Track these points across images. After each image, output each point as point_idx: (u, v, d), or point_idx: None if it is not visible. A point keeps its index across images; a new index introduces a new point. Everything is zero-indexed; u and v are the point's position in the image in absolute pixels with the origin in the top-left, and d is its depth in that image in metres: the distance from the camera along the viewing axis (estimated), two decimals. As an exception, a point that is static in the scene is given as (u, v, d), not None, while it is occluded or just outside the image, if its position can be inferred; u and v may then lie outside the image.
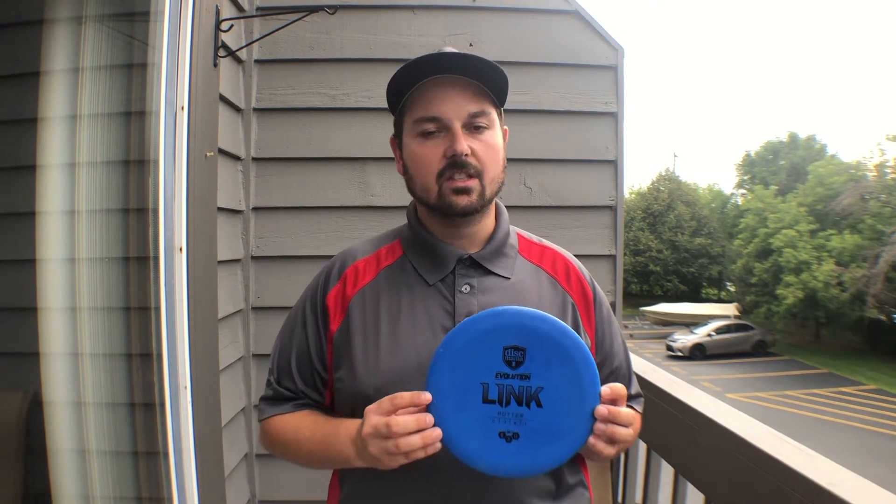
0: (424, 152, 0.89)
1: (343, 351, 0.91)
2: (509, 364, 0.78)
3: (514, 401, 0.77)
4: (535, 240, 1.03)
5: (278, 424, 0.95)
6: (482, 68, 0.87)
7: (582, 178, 2.10)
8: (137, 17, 1.40)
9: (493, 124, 0.91)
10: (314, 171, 2.03)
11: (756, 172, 33.50)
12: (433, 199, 0.90)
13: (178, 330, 1.27)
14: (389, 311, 0.91)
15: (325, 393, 0.96)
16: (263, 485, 2.01)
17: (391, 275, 0.94)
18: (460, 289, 0.91)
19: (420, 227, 0.96)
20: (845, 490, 0.85)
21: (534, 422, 0.77)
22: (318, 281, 0.98)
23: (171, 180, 1.28)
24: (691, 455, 1.29)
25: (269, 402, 0.98)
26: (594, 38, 2.08)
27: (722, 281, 32.78)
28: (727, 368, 18.65)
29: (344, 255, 0.99)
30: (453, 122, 0.87)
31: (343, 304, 0.93)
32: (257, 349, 2.00)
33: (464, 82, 0.88)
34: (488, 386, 0.77)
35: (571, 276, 0.98)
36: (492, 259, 0.94)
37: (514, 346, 0.78)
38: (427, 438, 0.75)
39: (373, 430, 0.77)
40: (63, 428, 1.25)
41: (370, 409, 0.79)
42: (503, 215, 0.99)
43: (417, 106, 0.89)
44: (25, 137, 1.28)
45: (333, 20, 1.95)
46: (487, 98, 0.90)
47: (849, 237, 21.50)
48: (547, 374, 0.77)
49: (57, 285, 1.27)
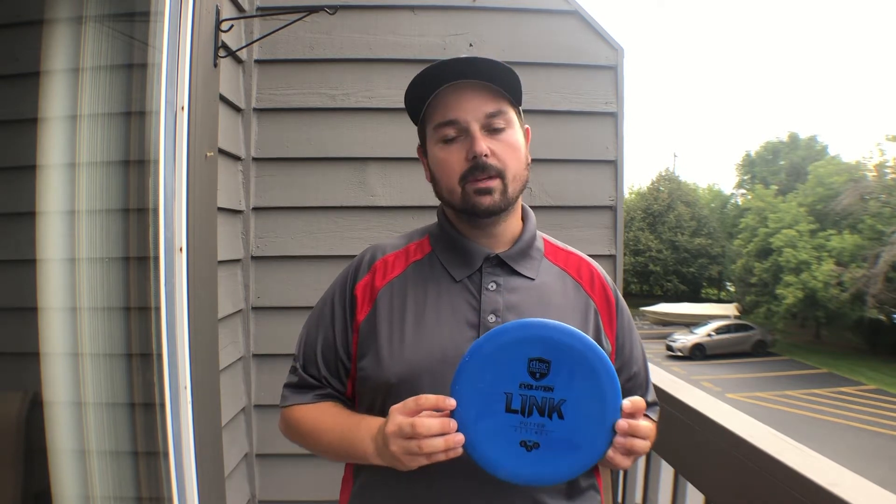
0: (447, 157, 0.91)
1: (368, 340, 0.93)
2: (533, 375, 0.79)
3: (537, 411, 0.79)
4: (561, 245, 1.05)
5: (299, 413, 0.97)
6: (492, 70, 0.89)
7: (582, 178, 2.10)
8: (137, 17, 1.40)
9: (512, 123, 0.92)
10: (314, 171, 2.03)
11: (756, 172, 33.49)
12: (458, 201, 0.92)
13: (178, 330, 1.27)
14: (416, 303, 0.93)
15: (346, 383, 0.98)
16: (263, 485, 2.01)
17: (419, 269, 0.96)
18: (487, 286, 0.93)
19: (449, 225, 0.99)
20: (845, 490, 0.85)
21: (555, 433, 0.79)
22: (347, 272, 1.00)
23: (171, 180, 1.28)
24: (691, 455, 1.29)
25: (292, 389, 1.00)
26: (594, 39, 2.08)
27: (722, 281, 32.78)
28: (727, 368, 18.64)
29: (374, 249, 1.01)
30: (471, 124, 0.89)
31: (371, 295, 0.95)
32: (257, 349, 2.00)
33: (478, 85, 0.90)
34: (512, 396, 0.79)
35: (595, 281, 1.00)
36: (518, 259, 0.96)
37: (540, 359, 0.79)
38: (450, 442, 0.77)
39: (397, 429, 0.78)
40: (63, 428, 1.25)
41: (395, 409, 0.81)
42: (530, 219, 1.01)
43: (436, 113, 0.92)
44: (25, 137, 1.28)
45: (333, 20, 1.95)
46: (503, 98, 0.92)
47: (849, 237, 21.49)
48: (570, 387, 0.79)
49: (57, 285, 1.26)
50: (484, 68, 0.89)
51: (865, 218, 21.36)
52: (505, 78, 0.90)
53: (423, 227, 1.05)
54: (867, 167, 23.96)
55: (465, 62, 0.88)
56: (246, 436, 1.98)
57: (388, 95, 2.03)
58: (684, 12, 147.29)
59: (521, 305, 0.92)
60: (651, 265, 30.33)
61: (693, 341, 20.09)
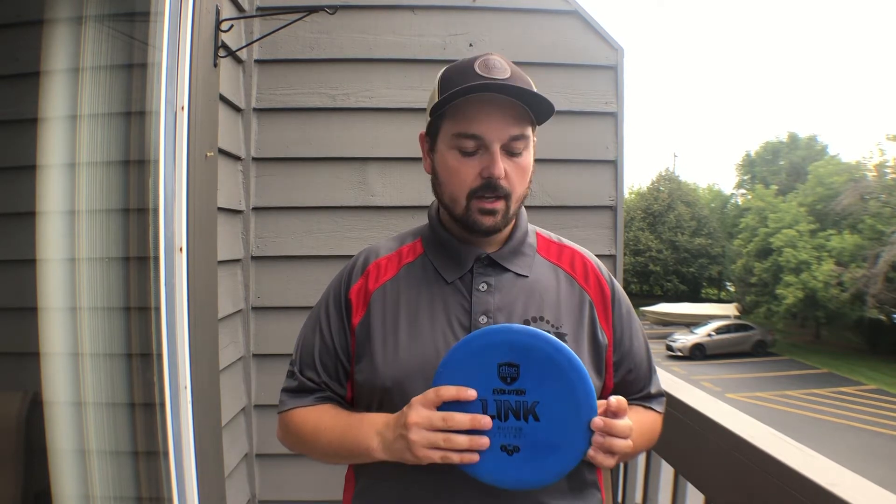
0: (460, 168, 0.89)
1: (364, 344, 0.93)
2: (504, 380, 0.80)
3: (513, 415, 0.79)
4: (555, 239, 1.04)
5: (299, 416, 0.97)
6: (531, 99, 0.86)
7: (582, 178, 2.10)
8: (137, 17, 1.40)
9: (529, 146, 0.92)
10: (314, 171, 2.03)
11: (756, 172, 33.49)
12: (459, 212, 0.91)
13: (178, 330, 1.27)
14: (409, 306, 0.93)
15: (346, 385, 0.98)
16: (263, 485, 2.01)
17: (412, 272, 0.96)
18: (478, 287, 0.93)
19: (440, 227, 0.98)
20: (845, 490, 0.85)
21: (533, 435, 0.79)
22: (341, 276, 1.00)
23: (171, 180, 1.28)
24: (691, 455, 1.29)
25: (290, 394, 0.99)
26: (594, 39, 2.08)
27: (722, 281, 32.79)
28: (727, 368, 18.64)
29: (367, 252, 1.01)
30: (493, 143, 0.88)
31: (365, 299, 0.95)
32: (257, 349, 2.00)
33: (509, 103, 0.87)
34: (486, 402, 0.80)
35: (590, 274, 0.99)
36: (510, 258, 0.96)
37: (508, 363, 0.80)
38: (474, 443, 0.77)
39: (425, 421, 0.78)
40: (63, 428, 1.25)
41: (416, 401, 0.81)
42: (522, 216, 1.01)
43: (461, 119, 0.88)
44: (25, 137, 1.28)
45: (333, 20, 1.95)
46: (528, 120, 0.90)
47: (849, 237, 21.49)
48: (541, 389, 0.79)
49: (57, 285, 1.26)
50: (525, 96, 0.86)
51: (865, 218, 21.35)
52: (539, 107, 0.88)
53: (416, 229, 1.04)
54: (867, 167, 23.98)
55: (514, 89, 0.85)
56: (246, 436, 1.98)
57: (387, 95, 2.03)
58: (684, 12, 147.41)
59: (513, 304, 0.92)
60: (651, 265, 30.32)
61: (693, 341, 20.09)
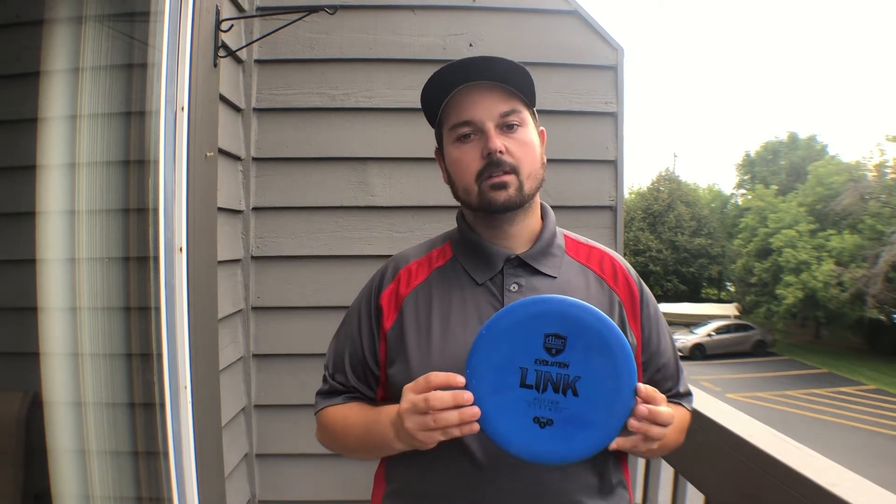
0: (463, 156, 0.92)
1: (397, 347, 0.94)
2: (549, 351, 0.78)
3: (551, 387, 0.78)
4: (583, 240, 1.05)
5: (330, 415, 0.99)
6: (505, 70, 0.90)
7: (582, 178, 2.09)
8: (137, 17, 1.40)
9: (525, 122, 0.94)
10: (314, 171, 2.03)
11: (756, 172, 33.46)
12: (475, 199, 0.93)
13: (178, 330, 1.27)
14: (441, 309, 0.94)
15: (376, 389, 0.99)
16: (263, 485, 2.01)
17: (442, 275, 0.97)
18: (509, 287, 0.93)
19: (468, 229, 0.99)
20: (845, 490, 0.86)
21: (568, 410, 0.78)
22: (372, 282, 1.02)
23: (171, 180, 1.28)
24: (691, 455, 1.29)
25: (322, 396, 1.03)
26: (594, 39, 2.08)
27: (722, 281, 32.75)
28: (727, 368, 18.64)
29: (397, 258, 1.03)
30: (486, 122, 0.90)
31: (396, 303, 0.96)
32: (257, 349, 2.00)
33: (492, 86, 0.91)
34: (527, 371, 0.78)
35: (619, 275, 1.00)
36: (539, 259, 0.96)
37: (555, 334, 0.78)
38: (464, 415, 0.77)
39: (410, 406, 0.79)
40: (63, 428, 1.25)
41: (407, 388, 0.82)
42: (549, 216, 1.02)
43: (451, 114, 0.93)
44: (25, 137, 1.28)
45: (333, 20, 1.95)
46: (517, 98, 0.93)
47: (849, 237, 21.48)
48: (585, 364, 0.78)
49: (57, 285, 1.27)
50: (498, 69, 0.90)
51: (865, 218, 21.34)
52: (518, 79, 0.91)
53: (444, 234, 1.06)
54: (867, 167, 23.94)
55: (479, 62, 0.89)
56: (246, 436, 1.98)
57: (388, 95, 2.03)
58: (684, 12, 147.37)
59: None
60: (651, 265, 30.28)
61: (693, 341, 20.09)
